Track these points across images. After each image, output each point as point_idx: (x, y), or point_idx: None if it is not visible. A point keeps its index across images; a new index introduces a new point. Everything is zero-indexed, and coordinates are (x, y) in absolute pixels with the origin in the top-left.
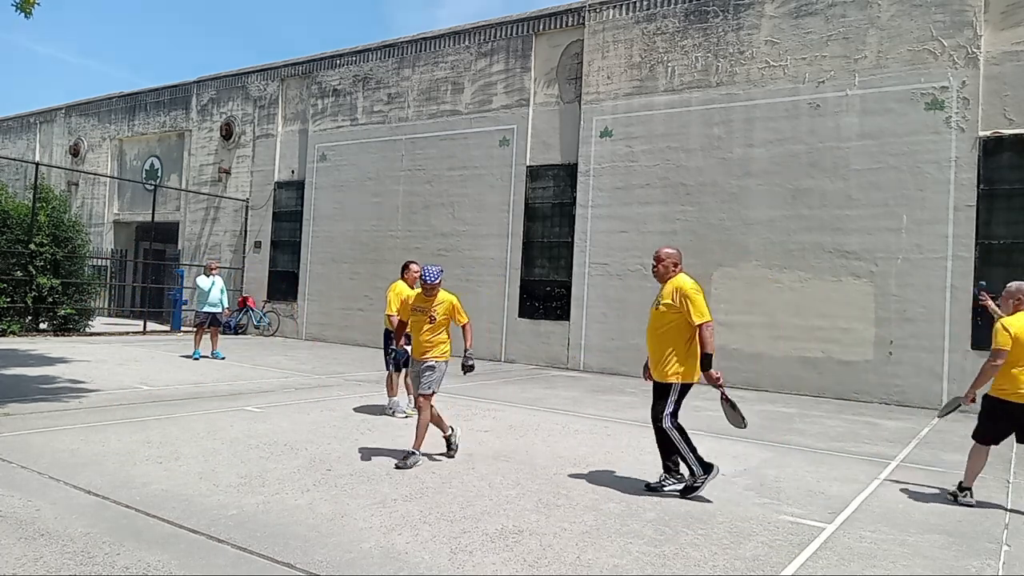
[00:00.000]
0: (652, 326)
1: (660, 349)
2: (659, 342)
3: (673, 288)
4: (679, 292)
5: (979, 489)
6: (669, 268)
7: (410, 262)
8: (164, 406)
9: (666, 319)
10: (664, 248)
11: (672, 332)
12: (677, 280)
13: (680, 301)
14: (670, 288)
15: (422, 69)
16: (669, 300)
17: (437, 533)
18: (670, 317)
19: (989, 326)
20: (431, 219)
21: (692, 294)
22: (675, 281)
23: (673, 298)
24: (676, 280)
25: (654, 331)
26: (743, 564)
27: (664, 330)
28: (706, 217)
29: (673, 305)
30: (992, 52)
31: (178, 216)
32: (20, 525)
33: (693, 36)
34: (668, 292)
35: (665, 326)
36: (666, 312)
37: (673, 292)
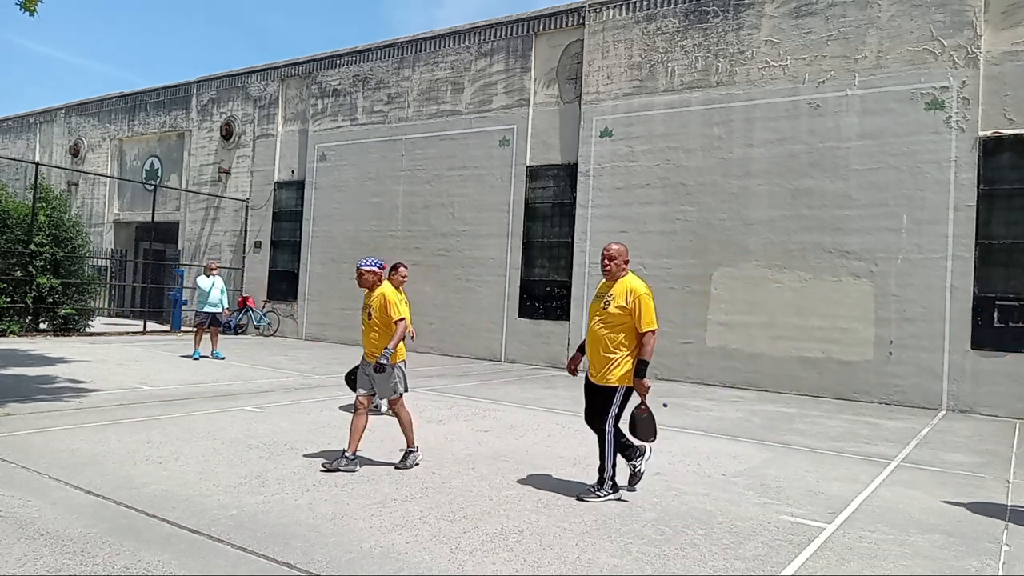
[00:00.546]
0: (598, 325)
1: (605, 350)
2: (606, 343)
3: (627, 289)
4: (633, 294)
5: (979, 489)
6: (621, 266)
7: (399, 264)
8: (164, 406)
9: (616, 320)
10: (613, 245)
11: (619, 335)
12: (630, 281)
13: (633, 304)
14: (623, 288)
15: (422, 69)
16: (622, 302)
17: (437, 533)
18: (621, 319)
19: (990, 326)
20: (431, 219)
21: (646, 299)
22: (628, 282)
23: (627, 300)
24: (629, 281)
25: (599, 330)
26: (743, 564)
27: (612, 331)
28: (706, 217)
29: (626, 307)
30: (992, 52)
31: (178, 216)
32: (20, 525)
33: (693, 36)
34: (621, 292)
35: (614, 327)
36: (618, 313)
37: (627, 293)
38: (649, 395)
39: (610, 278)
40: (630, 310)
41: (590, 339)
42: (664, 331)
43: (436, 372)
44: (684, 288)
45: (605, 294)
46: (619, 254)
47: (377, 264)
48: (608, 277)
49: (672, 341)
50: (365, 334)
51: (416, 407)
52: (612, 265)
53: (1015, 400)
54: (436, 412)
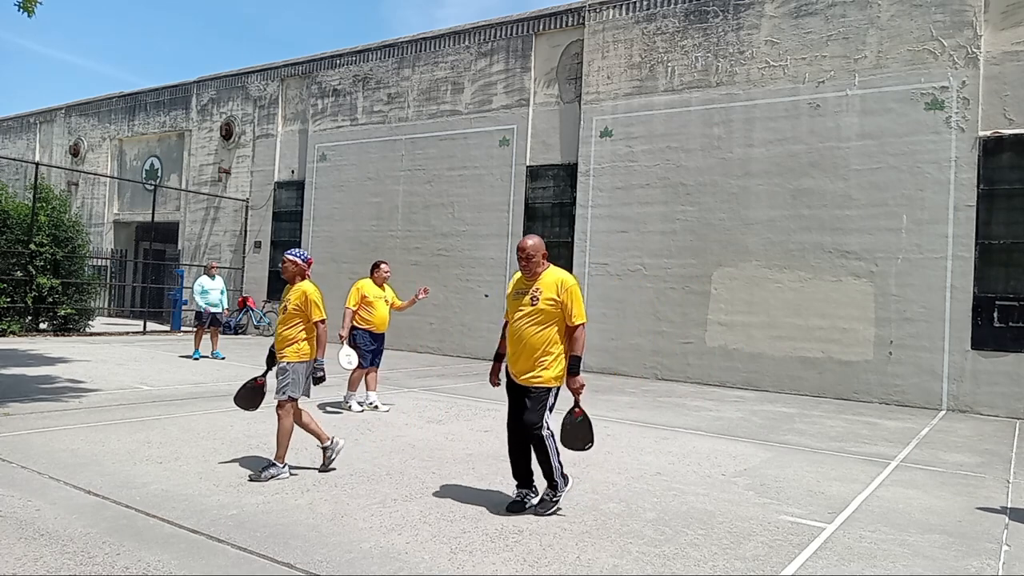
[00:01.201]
0: (524, 322)
1: (535, 349)
2: (535, 341)
3: (557, 281)
4: (563, 286)
5: (979, 489)
6: (541, 262)
7: (380, 262)
8: (164, 406)
9: (547, 316)
10: (529, 240)
11: (551, 331)
12: (558, 274)
13: (565, 296)
14: (551, 281)
15: (422, 69)
16: (553, 295)
17: (437, 533)
18: (551, 314)
19: (989, 326)
20: (431, 219)
21: (576, 291)
22: (556, 275)
23: (558, 292)
24: (557, 274)
25: (526, 328)
26: (743, 564)
27: (542, 328)
28: (706, 217)
29: (557, 301)
30: (992, 52)
31: (178, 216)
32: (20, 525)
33: (693, 36)
34: (550, 285)
35: (545, 323)
36: (549, 308)
37: (557, 286)
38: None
39: (531, 274)
40: (561, 303)
41: (514, 339)
42: (664, 331)
43: (436, 372)
44: (684, 288)
45: (528, 289)
46: (537, 250)
47: (302, 256)
48: (528, 274)
49: (672, 341)
50: (277, 330)
51: (416, 407)
52: (531, 263)
53: (1015, 400)
54: (436, 412)
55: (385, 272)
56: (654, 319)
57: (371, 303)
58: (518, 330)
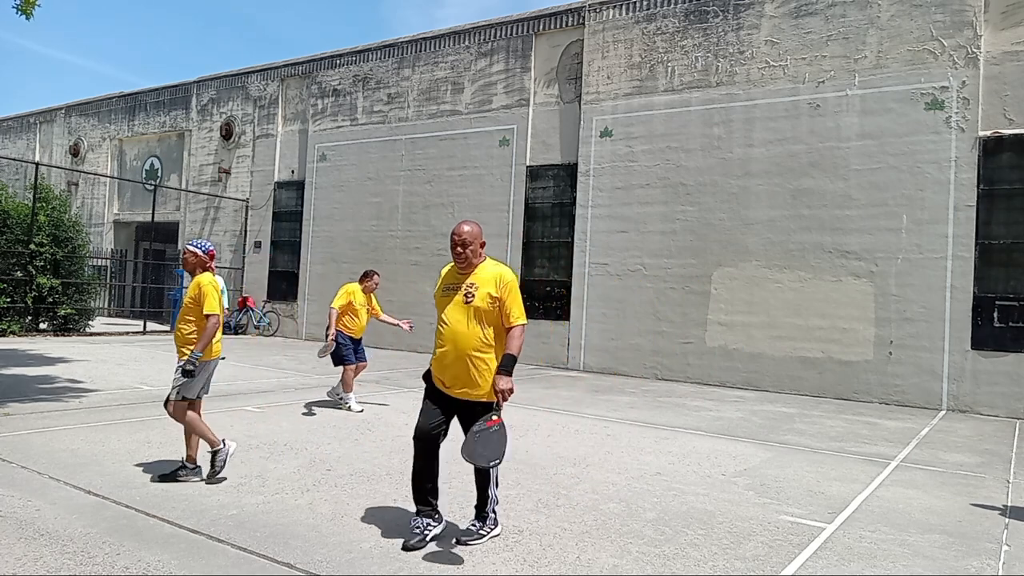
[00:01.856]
0: (459, 324)
1: (474, 354)
2: (474, 344)
3: (495, 276)
4: (502, 281)
5: (979, 489)
6: (477, 252)
7: (374, 272)
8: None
9: (486, 314)
10: (465, 226)
11: (491, 330)
12: (496, 267)
13: (505, 293)
14: (489, 275)
15: (422, 69)
16: (492, 290)
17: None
18: (491, 313)
19: (989, 326)
20: (431, 219)
21: (516, 288)
22: (495, 268)
23: (497, 288)
24: (495, 267)
25: (462, 330)
26: (743, 564)
27: (482, 329)
28: (706, 217)
29: (497, 298)
30: (992, 52)
31: (178, 216)
32: (20, 525)
33: (693, 36)
34: (488, 280)
35: (483, 323)
36: (487, 307)
37: (496, 281)
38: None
39: (466, 266)
40: (500, 301)
41: (451, 341)
42: (664, 331)
43: None
44: (684, 288)
45: (461, 284)
46: (474, 237)
47: (202, 247)
48: (463, 265)
49: (672, 341)
50: (177, 324)
51: (416, 407)
52: (468, 252)
53: (1015, 400)
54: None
55: (375, 283)
56: (654, 319)
57: (356, 311)
58: (452, 331)
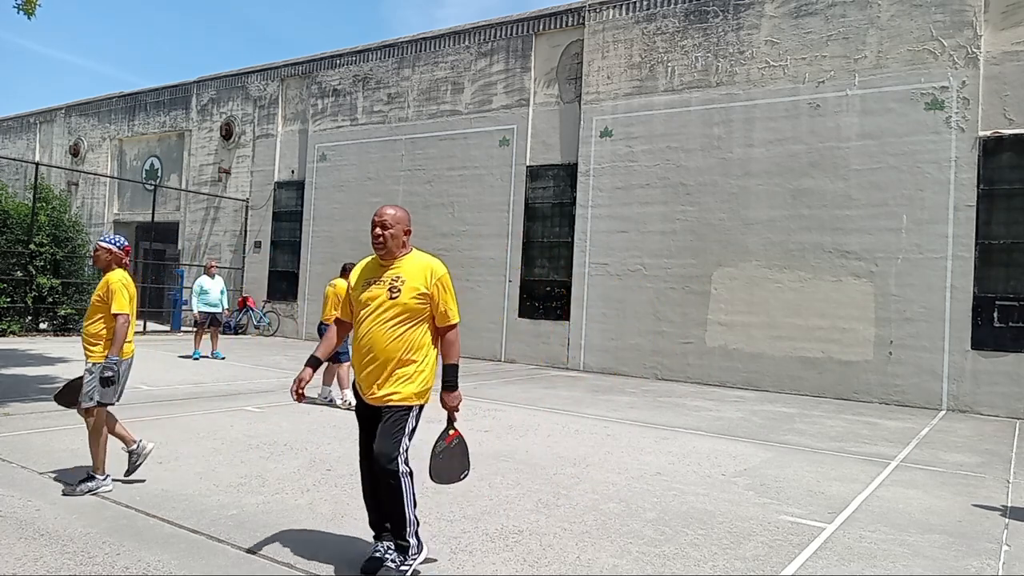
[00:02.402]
0: (378, 321)
1: (393, 356)
2: (393, 346)
3: (425, 269)
4: (434, 276)
5: (979, 489)
6: (400, 239)
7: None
8: (164, 406)
9: (412, 312)
10: (388, 209)
11: (415, 332)
12: (425, 259)
13: (435, 289)
14: (417, 268)
15: (422, 69)
16: (420, 285)
17: (437, 533)
18: (419, 310)
19: (989, 326)
20: (431, 219)
21: (449, 283)
22: (423, 260)
23: (427, 283)
24: (424, 259)
25: (381, 329)
26: (743, 564)
27: (404, 329)
28: (706, 217)
29: (425, 294)
30: (992, 52)
31: (178, 216)
32: (20, 525)
33: (693, 36)
34: (416, 273)
35: (408, 322)
36: (412, 303)
37: (425, 275)
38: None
39: (387, 255)
40: (430, 297)
41: (363, 345)
42: (664, 331)
43: (436, 372)
44: (684, 288)
45: (383, 276)
46: (397, 221)
47: (116, 243)
48: (382, 253)
49: (672, 341)
50: (84, 324)
51: None
52: (387, 235)
53: (1015, 400)
54: (436, 412)
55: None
56: (654, 319)
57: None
58: (369, 332)
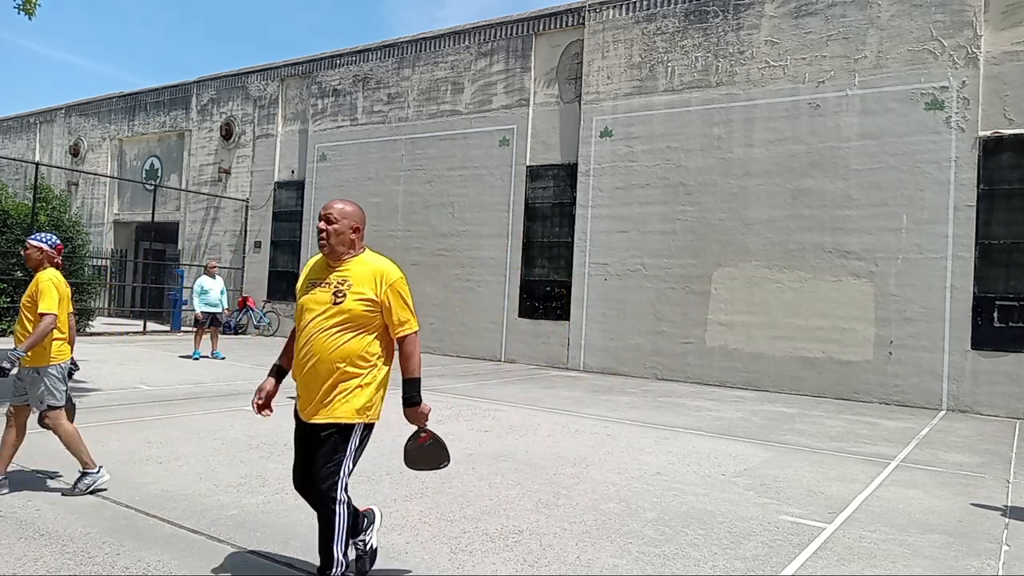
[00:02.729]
0: (320, 329)
1: (333, 369)
2: (334, 357)
3: (375, 272)
4: (384, 280)
5: (979, 489)
6: (348, 238)
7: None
8: (164, 406)
9: (355, 320)
10: (338, 202)
11: (362, 342)
12: (377, 261)
13: (386, 296)
14: (366, 270)
15: (422, 69)
16: (367, 290)
17: (437, 533)
18: (364, 318)
19: (989, 326)
20: (431, 219)
21: (404, 288)
22: (374, 262)
23: (376, 288)
24: (375, 261)
25: (323, 337)
26: (743, 564)
27: (349, 337)
28: (706, 217)
29: (375, 300)
30: (992, 52)
31: (178, 216)
32: (20, 525)
33: (693, 36)
34: (364, 276)
35: (352, 331)
36: (359, 310)
37: (375, 278)
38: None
39: (332, 255)
40: (381, 304)
41: (304, 355)
42: (664, 331)
43: (436, 372)
44: (684, 288)
45: (328, 279)
46: (344, 216)
47: (49, 241)
48: (327, 252)
49: (672, 341)
50: (16, 325)
51: None
52: (330, 231)
53: (1015, 400)
54: (436, 412)
55: None
56: (654, 319)
57: None
58: (309, 341)
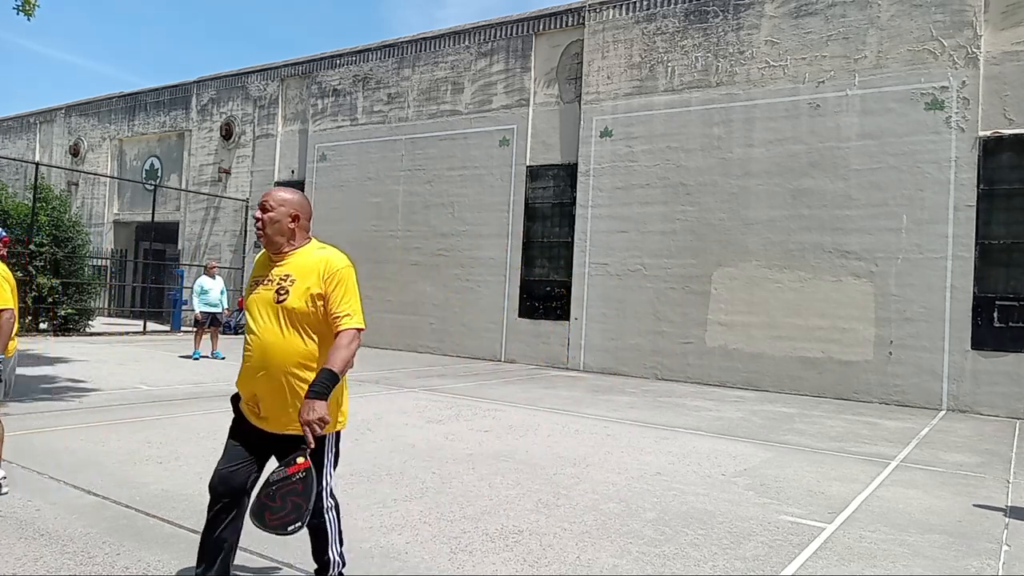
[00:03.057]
0: (271, 330)
1: (290, 370)
2: (289, 359)
3: (319, 264)
4: (328, 270)
5: (979, 489)
6: (287, 227)
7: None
8: (164, 406)
9: (305, 320)
10: (278, 190)
11: (315, 339)
12: (322, 253)
13: (331, 288)
14: (311, 264)
15: (422, 69)
16: (314, 285)
17: (437, 533)
18: (313, 319)
19: (989, 326)
20: (431, 219)
21: (350, 279)
22: (318, 254)
23: (322, 282)
24: (319, 253)
25: (277, 340)
26: (743, 564)
27: (301, 337)
28: (706, 217)
29: (321, 295)
30: (992, 52)
31: (178, 216)
32: (20, 525)
33: (693, 36)
34: (309, 269)
35: (303, 330)
36: (304, 307)
37: (320, 271)
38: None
39: (271, 247)
40: (325, 299)
41: (256, 355)
42: (664, 331)
43: (436, 372)
44: (684, 288)
45: (271, 274)
46: (282, 204)
47: None
48: (265, 244)
49: (672, 341)
50: None
51: (417, 407)
52: (265, 220)
53: (1015, 400)
54: (436, 412)
55: None
56: (654, 319)
57: None
58: (258, 344)
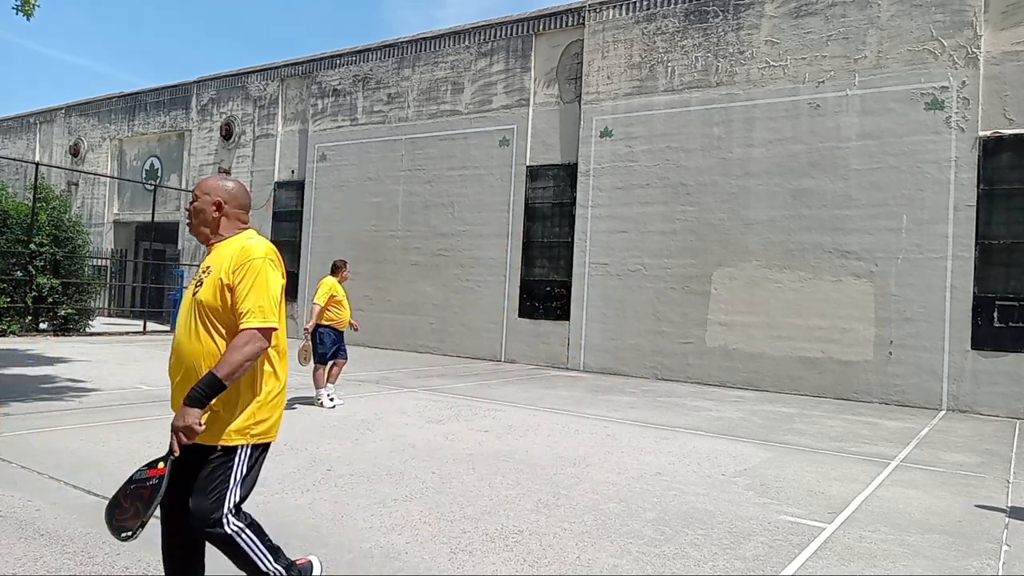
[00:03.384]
0: (186, 326)
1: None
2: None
3: (236, 253)
4: (240, 261)
5: (979, 489)
6: (207, 215)
7: (345, 262)
8: (164, 406)
9: (214, 315)
10: (207, 180)
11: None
12: (245, 242)
13: (239, 278)
14: (232, 254)
15: (422, 69)
16: (226, 276)
17: (437, 533)
18: (218, 312)
19: (989, 326)
20: (431, 219)
21: (262, 270)
22: (240, 243)
23: (233, 272)
24: (243, 242)
25: (190, 337)
26: (743, 564)
27: (212, 338)
28: (706, 217)
29: (229, 286)
30: (992, 52)
31: (178, 216)
32: (20, 525)
33: (693, 36)
34: (226, 260)
35: (216, 331)
36: (215, 305)
37: (233, 261)
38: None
39: (201, 239)
40: (232, 289)
41: (173, 355)
42: (664, 331)
43: (436, 372)
44: (684, 288)
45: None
46: (206, 192)
47: None
48: (197, 236)
49: (672, 341)
50: None
51: (416, 407)
52: (192, 208)
53: (1015, 400)
54: (436, 412)
55: (348, 273)
56: (654, 319)
57: (339, 302)
58: (177, 343)
